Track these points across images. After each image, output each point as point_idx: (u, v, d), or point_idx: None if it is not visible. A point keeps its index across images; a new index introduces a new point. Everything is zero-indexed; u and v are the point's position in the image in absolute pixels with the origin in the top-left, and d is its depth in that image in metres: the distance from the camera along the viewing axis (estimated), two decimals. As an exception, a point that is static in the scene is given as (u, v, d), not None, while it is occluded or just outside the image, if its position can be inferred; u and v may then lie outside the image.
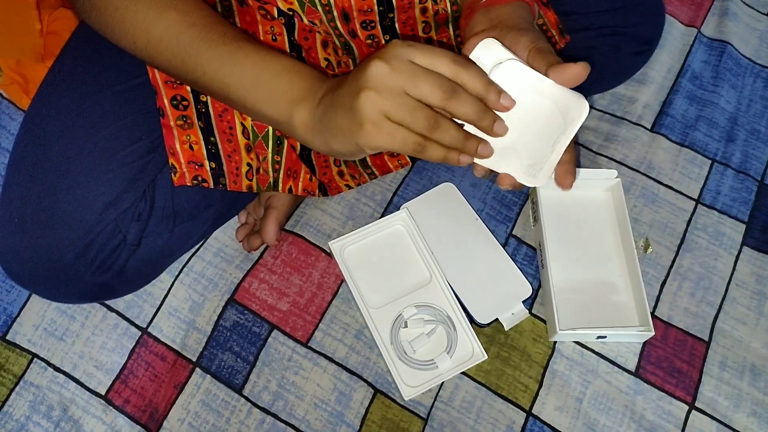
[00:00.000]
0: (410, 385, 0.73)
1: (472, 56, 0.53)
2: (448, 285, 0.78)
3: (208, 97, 0.66)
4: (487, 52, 0.53)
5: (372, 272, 0.79)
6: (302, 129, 0.55)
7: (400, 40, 0.50)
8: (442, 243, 0.82)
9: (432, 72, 0.49)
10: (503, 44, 0.54)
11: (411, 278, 0.79)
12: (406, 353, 0.74)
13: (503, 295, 0.79)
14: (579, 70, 0.52)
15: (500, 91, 0.51)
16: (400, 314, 0.76)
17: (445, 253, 0.81)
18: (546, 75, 0.53)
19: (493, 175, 0.56)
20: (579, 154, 0.91)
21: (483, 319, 0.78)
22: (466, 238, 0.82)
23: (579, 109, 0.53)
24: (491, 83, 0.51)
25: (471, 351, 0.75)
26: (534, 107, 0.53)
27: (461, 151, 0.52)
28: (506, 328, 0.78)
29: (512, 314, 0.78)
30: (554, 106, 0.53)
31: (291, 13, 0.67)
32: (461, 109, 0.50)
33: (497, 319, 0.78)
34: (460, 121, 0.52)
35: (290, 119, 0.55)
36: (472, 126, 0.52)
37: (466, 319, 0.76)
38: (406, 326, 0.76)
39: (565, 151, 0.55)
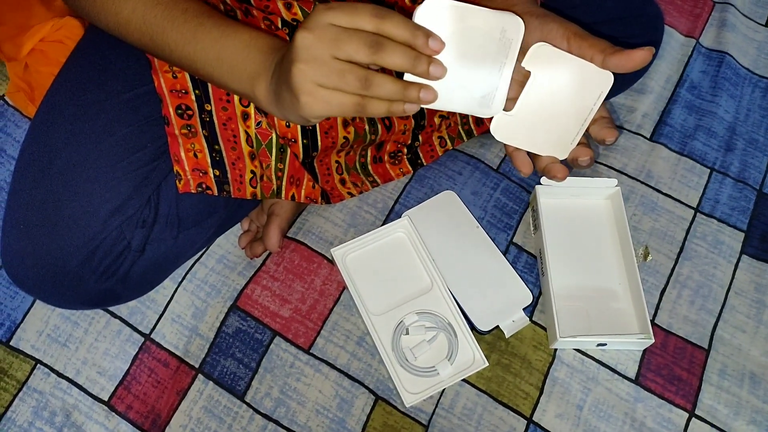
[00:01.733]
0: (411, 392, 0.73)
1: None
2: (449, 292, 0.78)
3: (213, 107, 0.67)
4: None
5: (373, 279, 0.79)
6: (263, 102, 0.56)
7: (322, 5, 0.49)
8: (443, 250, 0.82)
9: (355, 31, 0.48)
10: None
11: (412, 285, 0.79)
12: (407, 360, 0.75)
13: (504, 303, 0.79)
14: (644, 55, 0.51)
15: (428, 34, 0.49)
16: (402, 321, 0.76)
17: (446, 260, 0.81)
18: (605, 66, 0.52)
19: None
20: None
21: (484, 326, 0.78)
22: (467, 246, 0.83)
23: (515, 26, 0.52)
24: (417, 28, 0.49)
25: (472, 358, 0.76)
26: (468, 38, 0.51)
27: (404, 101, 0.51)
28: (507, 336, 0.78)
29: (513, 321, 0.79)
30: (489, 31, 0.52)
31: (295, 24, 0.68)
32: (390, 60, 0.49)
33: (498, 326, 0.78)
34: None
35: (252, 93, 0.57)
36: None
37: (467, 326, 0.77)
38: (407, 333, 0.76)
39: (599, 108, 0.55)
